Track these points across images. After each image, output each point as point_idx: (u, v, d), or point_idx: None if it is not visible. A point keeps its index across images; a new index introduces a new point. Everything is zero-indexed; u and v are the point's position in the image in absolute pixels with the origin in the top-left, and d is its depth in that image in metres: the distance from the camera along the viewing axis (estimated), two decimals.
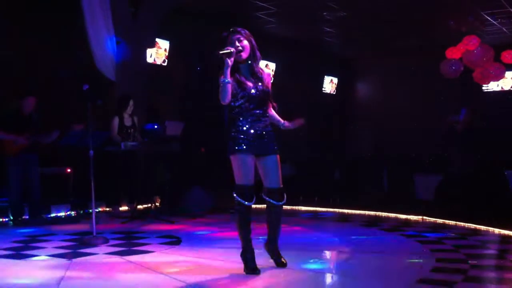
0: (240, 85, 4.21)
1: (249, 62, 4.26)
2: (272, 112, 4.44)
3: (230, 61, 4.08)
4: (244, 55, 4.22)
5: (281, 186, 4.33)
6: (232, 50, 4.10)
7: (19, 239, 5.80)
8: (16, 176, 6.89)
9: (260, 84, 4.26)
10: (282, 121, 4.49)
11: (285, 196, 4.35)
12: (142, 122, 8.12)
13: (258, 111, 4.25)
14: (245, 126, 4.21)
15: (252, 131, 4.21)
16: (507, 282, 4.17)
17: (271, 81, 4.47)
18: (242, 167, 4.18)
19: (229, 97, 4.12)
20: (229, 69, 4.09)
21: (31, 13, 8.10)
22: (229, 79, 4.09)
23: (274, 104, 4.41)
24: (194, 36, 9.95)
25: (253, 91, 4.22)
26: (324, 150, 12.89)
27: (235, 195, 4.20)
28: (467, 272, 4.28)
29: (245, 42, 4.22)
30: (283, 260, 4.36)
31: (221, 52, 4.07)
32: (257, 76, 4.28)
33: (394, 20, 10.67)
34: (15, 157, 6.85)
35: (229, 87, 4.09)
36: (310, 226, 6.91)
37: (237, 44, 4.19)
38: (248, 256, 4.22)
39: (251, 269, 4.17)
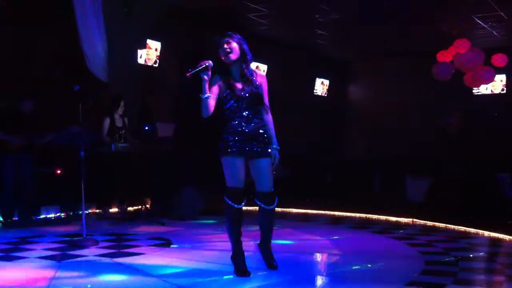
0: (229, 87, 4.22)
1: (239, 64, 4.26)
2: (270, 125, 4.33)
3: (206, 76, 4.09)
4: (233, 56, 4.23)
5: (272, 190, 4.31)
6: (206, 64, 4.10)
7: (8, 241, 5.74)
8: (9, 176, 6.84)
9: (250, 86, 4.25)
10: (273, 144, 4.31)
11: (276, 199, 4.33)
12: (134, 123, 8.07)
13: (248, 113, 4.23)
14: (235, 128, 4.20)
15: (242, 133, 4.19)
16: (496, 285, 4.19)
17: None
18: (232, 169, 4.17)
19: (209, 111, 4.13)
20: (207, 84, 4.10)
21: (28, 12, 8.02)
22: (208, 94, 4.09)
23: (267, 106, 4.34)
24: (186, 37, 9.92)
25: (242, 92, 4.22)
26: (315, 152, 12.89)
27: (225, 197, 4.20)
28: (457, 274, 4.30)
29: (234, 44, 4.23)
30: (274, 263, 4.35)
31: (189, 73, 4.06)
32: (247, 77, 4.27)
33: (386, 23, 10.69)
34: (10, 155, 6.80)
35: (209, 102, 4.10)
36: (301, 228, 6.91)
37: (226, 46, 4.21)
38: (238, 258, 4.22)
39: (242, 271, 4.17)
